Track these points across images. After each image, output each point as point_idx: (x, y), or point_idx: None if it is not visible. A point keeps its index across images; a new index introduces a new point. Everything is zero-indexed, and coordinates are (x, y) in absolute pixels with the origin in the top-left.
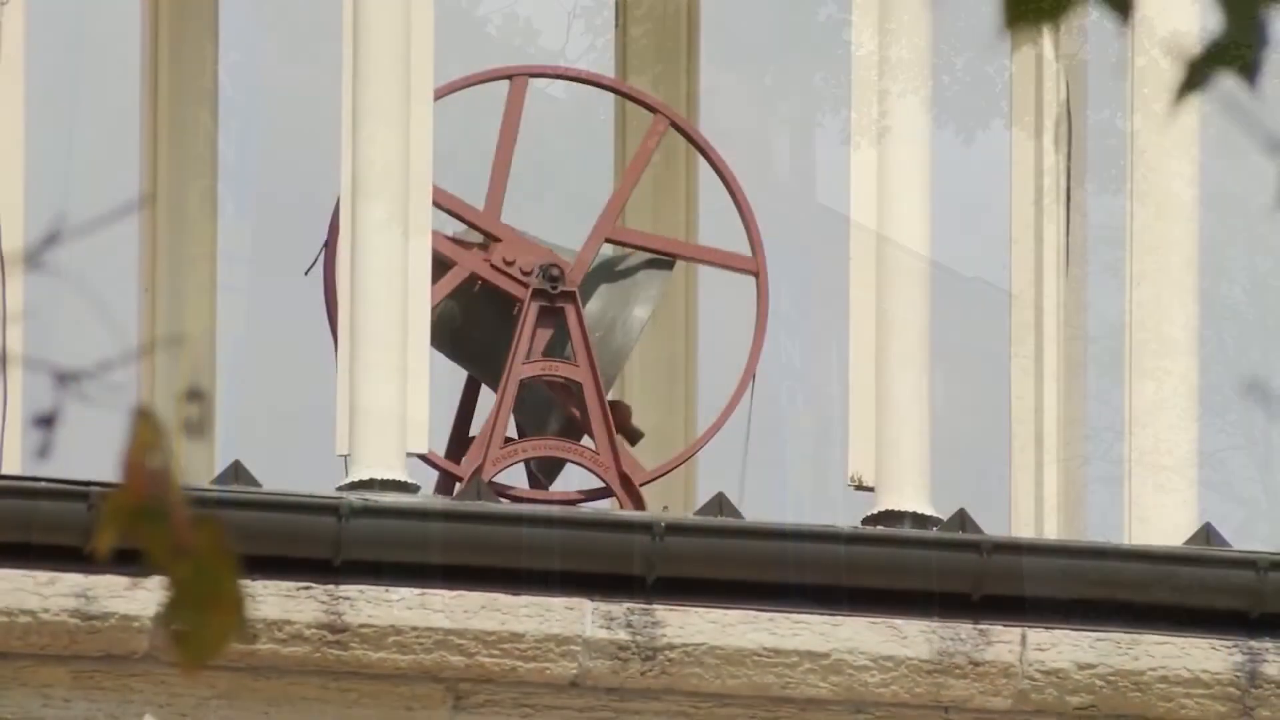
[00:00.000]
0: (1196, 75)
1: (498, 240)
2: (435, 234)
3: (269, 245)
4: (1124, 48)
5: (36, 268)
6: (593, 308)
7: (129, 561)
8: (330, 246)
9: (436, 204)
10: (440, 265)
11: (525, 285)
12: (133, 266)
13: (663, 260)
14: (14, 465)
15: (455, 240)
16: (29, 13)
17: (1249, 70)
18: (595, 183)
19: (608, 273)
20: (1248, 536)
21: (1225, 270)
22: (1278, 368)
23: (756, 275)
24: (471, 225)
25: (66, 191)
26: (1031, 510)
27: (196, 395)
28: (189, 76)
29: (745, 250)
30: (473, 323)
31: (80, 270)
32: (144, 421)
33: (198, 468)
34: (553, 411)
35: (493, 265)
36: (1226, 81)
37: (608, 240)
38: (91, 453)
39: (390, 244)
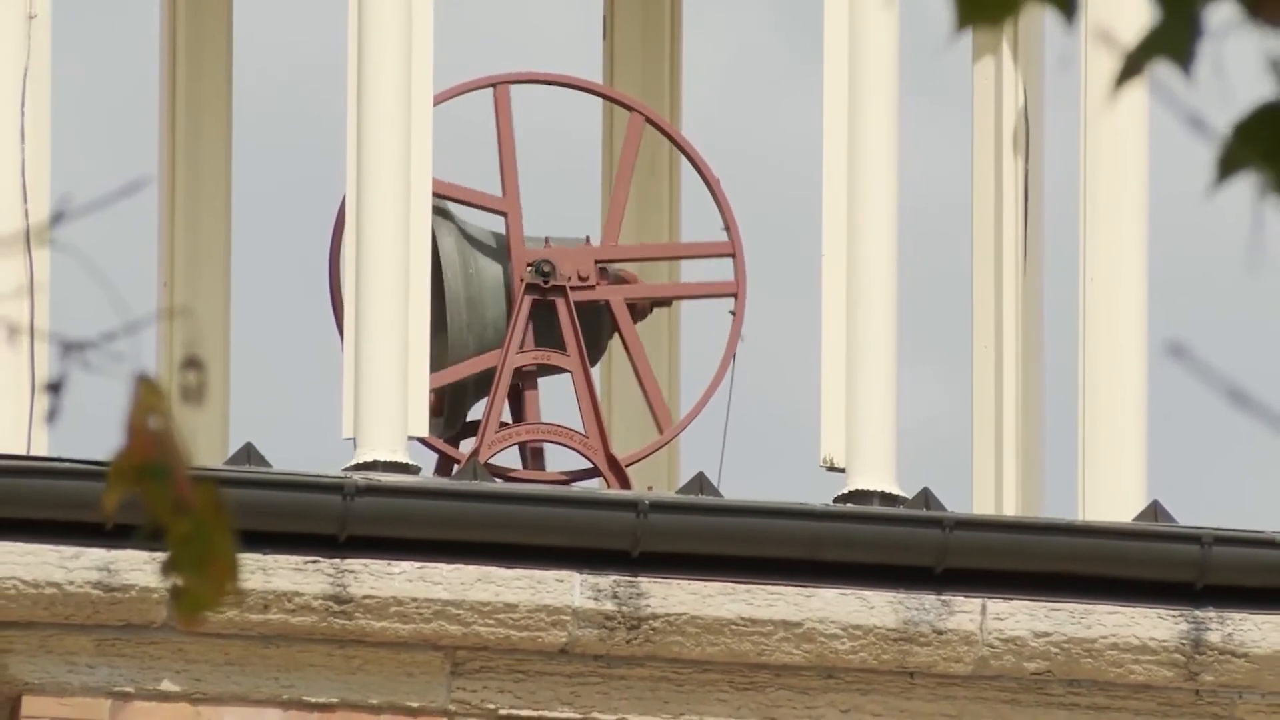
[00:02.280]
0: (1133, 64)
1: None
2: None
3: (280, 242)
4: (1077, 49)
5: (47, 244)
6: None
7: (148, 536)
8: (335, 243)
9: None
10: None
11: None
12: (152, 261)
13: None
14: (41, 447)
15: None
16: (55, 21)
17: (1184, 60)
18: (583, 178)
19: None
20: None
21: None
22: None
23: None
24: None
25: (90, 181)
26: (991, 489)
27: (194, 363)
28: (205, 76)
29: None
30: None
31: (106, 259)
32: (145, 386)
33: (212, 449)
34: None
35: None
36: (1162, 70)
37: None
38: (113, 434)
39: (392, 241)
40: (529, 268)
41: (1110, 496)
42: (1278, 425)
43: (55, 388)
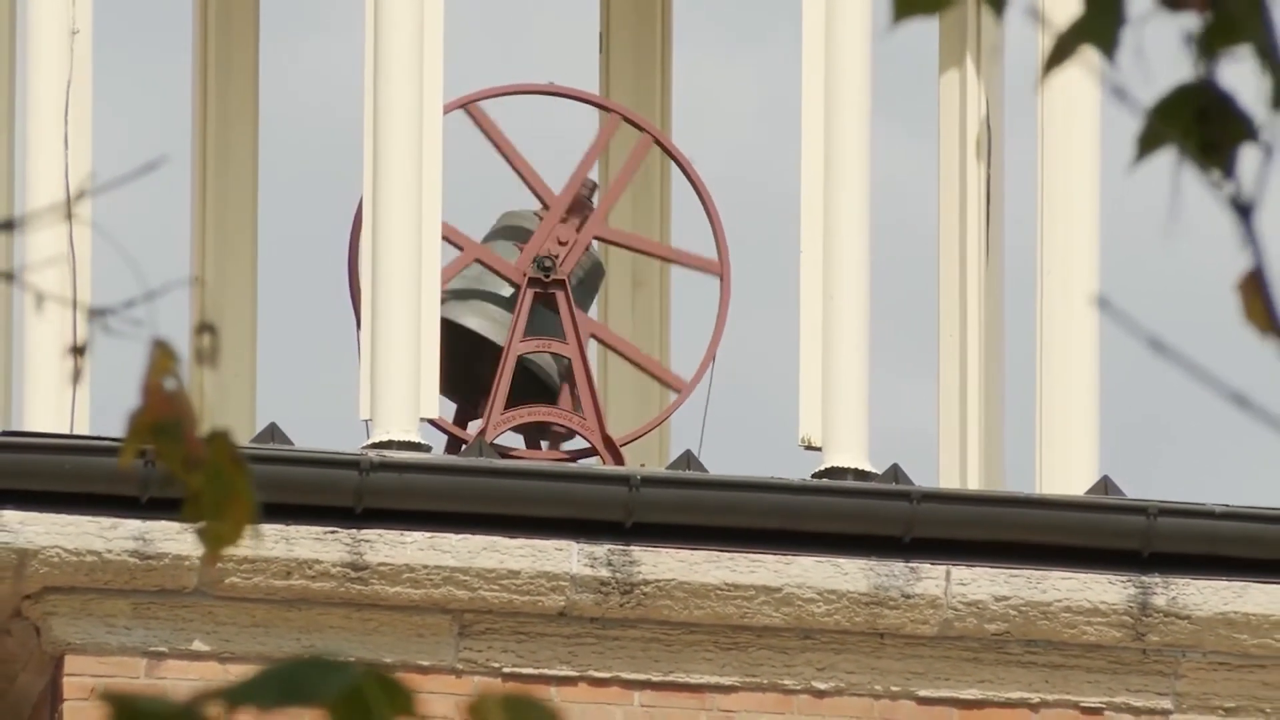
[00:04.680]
0: (1062, 50)
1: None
2: (445, 225)
3: (303, 242)
4: (1017, 48)
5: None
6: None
7: (181, 507)
8: (354, 240)
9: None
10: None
11: (521, 272)
12: (187, 261)
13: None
14: (82, 426)
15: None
16: (95, 36)
17: (1108, 46)
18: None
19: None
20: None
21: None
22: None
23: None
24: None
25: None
26: (956, 465)
27: (207, 328)
28: (232, 88)
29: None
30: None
31: (149, 262)
32: (161, 350)
33: (240, 428)
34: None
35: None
36: (1090, 55)
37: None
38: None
39: (405, 241)
40: (533, 263)
41: (1065, 472)
42: (1195, 375)
43: (80, 351)
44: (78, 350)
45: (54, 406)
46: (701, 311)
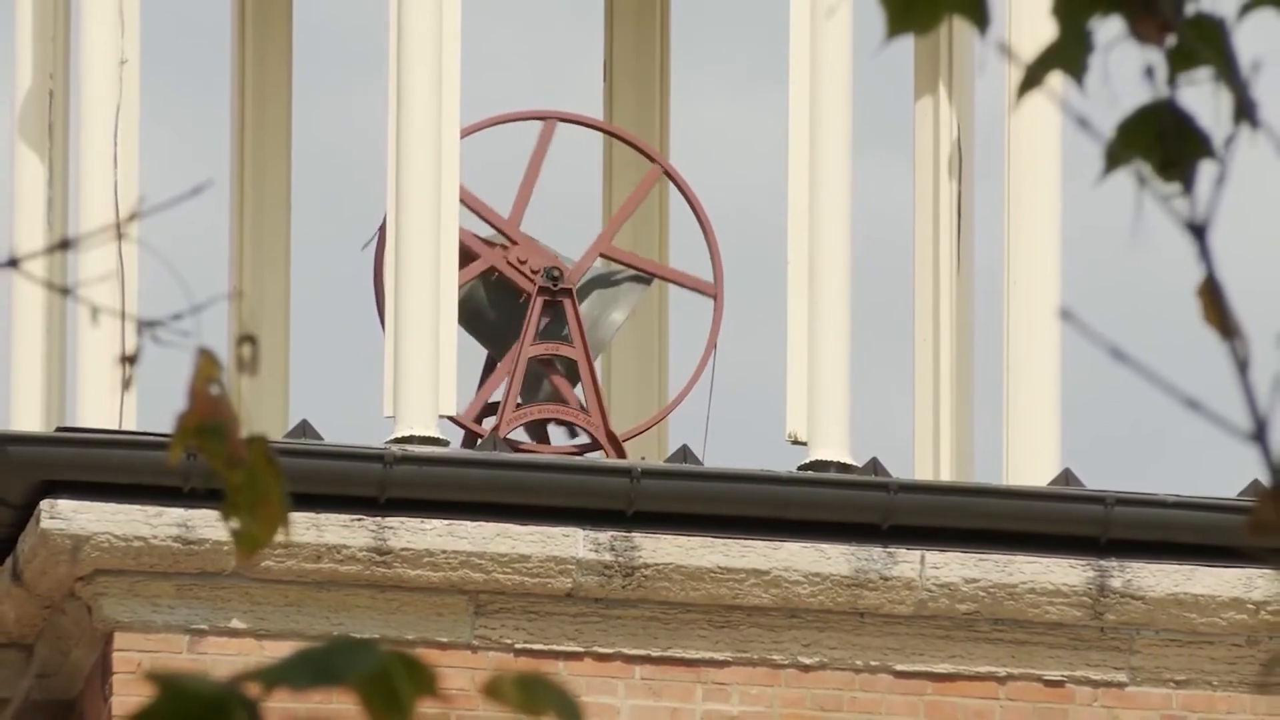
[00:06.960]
0: (1033, 76)
1: (515, 244)
2: (465, 231)
3: (333, 253)
4: (1001, 72)
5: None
6: (584, 307)
7: (220, 497)
8: (379, 250)
9: (468, 206)
10: (467, 257)
11: (533, 282)
12: (225, 274)
13: (643, 276)
14: (130, 422)
15: (483, 240)
16: (143, 65)
17: (1077, 72)
18: (586, 206)
19: (600, 281)
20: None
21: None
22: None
23: (715, 298)
24: (497, 229)
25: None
26: (929, 458)
27: (248, 339)
28: (269, 118)
29: (709, 269)
30: (489, 306)
31: (192, 272)
32: (206, 358)
33: (274, 424)
34: (543, 381)
35: (509, 262)
36: (1056, 84)
37: (602, 255)
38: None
39: (425, 251)
40: (539, 273)
41: (1029, 464)
42: (1152, 381)
43: (131, 359)
44: (129, 359)
45: (104, 406)
46: (698, 322)
